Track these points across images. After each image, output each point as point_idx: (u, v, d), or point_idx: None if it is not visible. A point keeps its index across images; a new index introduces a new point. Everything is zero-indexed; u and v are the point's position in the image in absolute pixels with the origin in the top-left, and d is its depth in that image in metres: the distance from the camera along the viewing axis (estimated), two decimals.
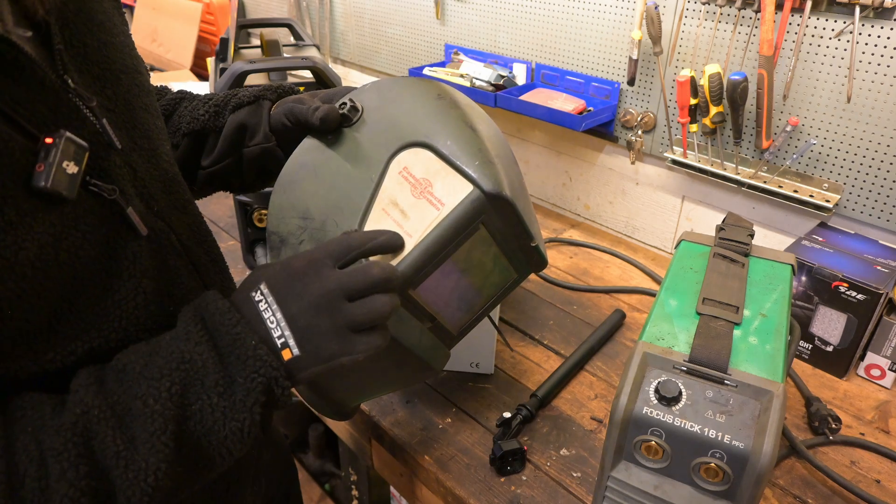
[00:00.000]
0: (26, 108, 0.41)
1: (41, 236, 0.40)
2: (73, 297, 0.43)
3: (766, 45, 0.97)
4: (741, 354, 0.55)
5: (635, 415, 0.53)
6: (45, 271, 0.40)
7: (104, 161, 0.47)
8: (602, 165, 1.38)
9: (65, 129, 0.42)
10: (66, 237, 0.42)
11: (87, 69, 0.48)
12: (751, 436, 0.50)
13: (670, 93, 1.16)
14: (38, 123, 0.41)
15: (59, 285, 0.42)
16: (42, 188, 0.39)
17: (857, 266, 0.90)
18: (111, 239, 0.46)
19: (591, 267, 1.24)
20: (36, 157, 0.40)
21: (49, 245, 0.40)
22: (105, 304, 0.46)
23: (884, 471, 0.79)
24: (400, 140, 0.59)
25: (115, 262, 0.46)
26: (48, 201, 0.40)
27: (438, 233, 0.55)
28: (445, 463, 0.80)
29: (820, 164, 1.02)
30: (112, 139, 0.48)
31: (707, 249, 0.71)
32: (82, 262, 0.43)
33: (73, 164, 0.41)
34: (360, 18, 1.80)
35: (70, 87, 0.45)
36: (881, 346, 0.90)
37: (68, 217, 0.42)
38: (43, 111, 0.42)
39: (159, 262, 0.51)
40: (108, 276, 0.46)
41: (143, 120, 0.54)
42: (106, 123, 0.47)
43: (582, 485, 0.77)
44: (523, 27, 1.37)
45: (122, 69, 0.52)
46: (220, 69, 1.21)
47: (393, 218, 0.57)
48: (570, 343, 1.01)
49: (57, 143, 0.41)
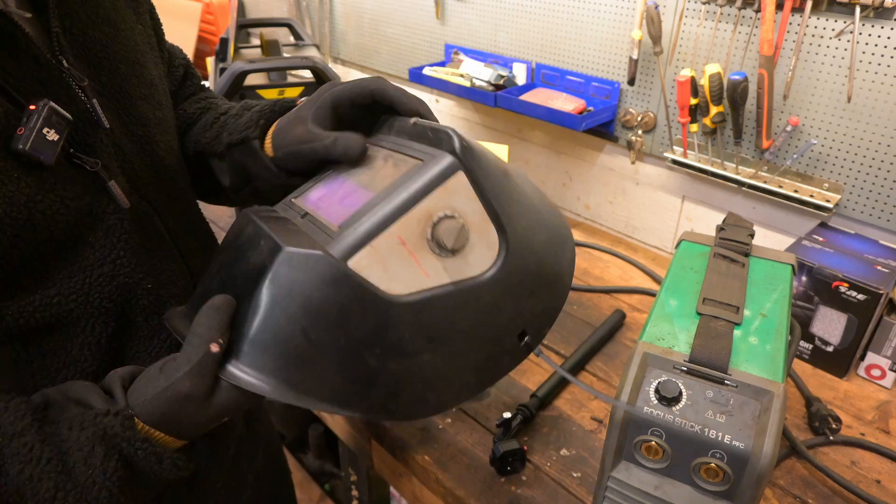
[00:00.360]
0: (17, 78, 0.43)
1: (15, 196, 0.42)
2: (43, 259, 0.45)
3: (767, 45, 0.97)
4: (741, 354, 0.55)
5: (635, 415, 0.53)
6: (15, 229, 0.42)
7: (90, 137, 0.49)
8: (602, 165, 1.38)
9: (52, 101, 0.44)
10: (42, 200, 0.44)
11: (84, 55, 0.50)
12: (751, 436, 0.50)
13: (670, 93, 1.16)
14: (26, 94, 0.44)
15: (30, 243, 0.44)
16: (20, 150, 0.42)
17: (857, 266, 0.90)
18: (92, 208, 0.48)
19: (591, 267, 1.24)
20: (18, 122, 0.42)
21: (22, 205, 0.43)
22: (72, 267, 0.48)
23: (884, 471, 0.79)
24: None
25: (91, 230, 0.48)
26: (27, 165, 0.43)
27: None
28: (445, 463, 0.80)
29: (820, 164, 1.02)
30: (101, 118, 0.50)
31: (707, 249, 0.71)
32: (57, 225, 0.45)
33: (54, 133, 0.44)
34: (359, 18, 1.80)
35: (64, 66, 0.47)
36: (881, 346, 0.90)
37: (46, 182, 0.44)
38: (31, 83, 0.44)
39: (139, 239, 0.52)
40: (80, 242, 0.48)
41: (140, 109, 0.55)
42: (96, 104, 0.49)
43: (582, 485, 0.76)
44: (523, 27, 1.37)
45: (123, 60, 0.54)
46: (220, 69, 1.22)
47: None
48: (570, 343, 1.01)
49: (39, 109, 0.43)
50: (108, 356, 0.52)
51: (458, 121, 1.67)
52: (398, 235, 0.47)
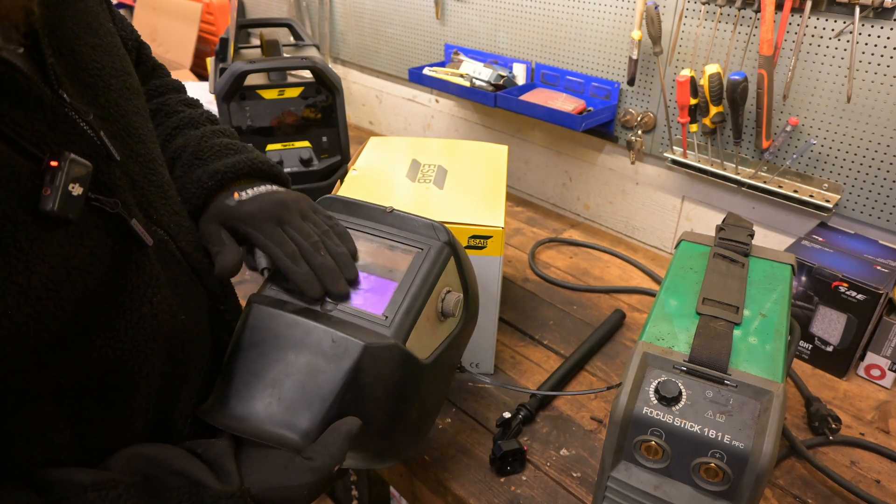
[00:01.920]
0: (26, 128, 0.40)
1: (51, 258, 0.40)
2: (85, 314, 0.43)
3: (766, 45, 0.97)
4: (741, 354, 0.55)
5: (635, 415, 0.53)
6: (57, 291, 0.40)
7: (104, 175, 0.46)
8: (602, 165, 1.38)
9: (66, 147, 0.42)
10: (75, 256, 0.42)
11: (79, 78, 0.47)
12: (751, 436, 0.50)
13: (670, 93, 1.16)
14: (38, 143, 0.41)
15: (71, 303, 0.41)
16: (50, 212, 0.39)
17: (857, 266, 0.90)
18: (117, 252, 0.46)
19: (591, 267, 1.24)
20: (41, 180, 0.40)
21: (59, 266, 0.40)
22: (113, 316, 0.45)
23: (884, 471, 0.79)
24: None
25: (122, 274, 0.46)
26: (54, 223, 0.40)
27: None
28: (445, 463, 0.80)
29: (820, 164, 1.02)
30: (111, 151, 0.47)
31: (707, 249, 0.71)
32: (92, 277, 0.43)
33: (79, 186, 0.41)
34: (359, 18, 1.80)
35: (66, 101, 0.44)
36: (881, 346, 0.90)
37: (74, 235, 0.42)
38: (42, 130, 0.41)
39: (163, 270, 0.51)
40: (116, 289, 0.45)
41: (136, 125, 0.53)
42: (104, 136, 0.47)
43: (582, 485, 0.77)
44: (523, 27, 1.37)
45: (112, 72, 0.52)
46: (219, 69, 1.22)
47: None
48: (570, 343, 1.01)
49: (62, 165, 0.40)
50: (157, 392, 0.51)
51: (458, 121, 1.67)
52: (426, 314, 0.59)
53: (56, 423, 0.44)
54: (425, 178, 0.94)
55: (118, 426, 0.48)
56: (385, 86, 1.87)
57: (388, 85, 1.85)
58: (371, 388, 0.53)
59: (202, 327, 0.57)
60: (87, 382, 0.45)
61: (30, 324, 0.38)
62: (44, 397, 0.43)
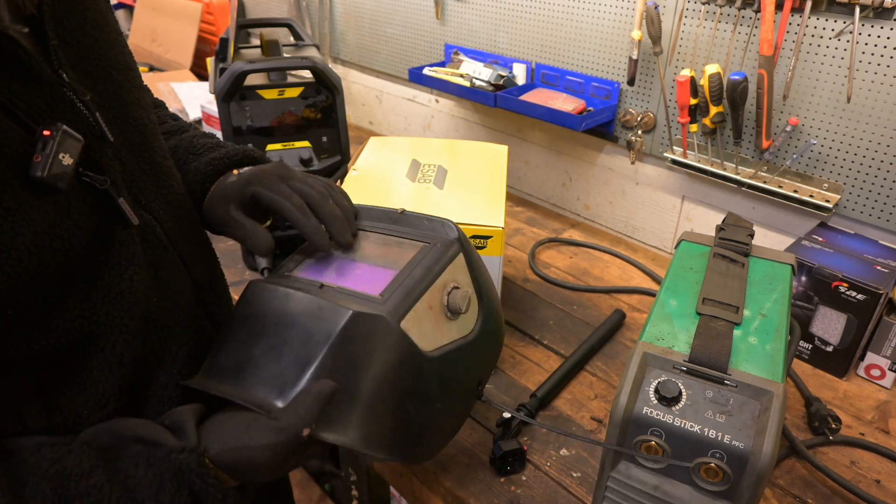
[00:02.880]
0: (24, 100, 0.42)
1: (36, 223, 0.41)
2: (63, 283, 0.45)
3: (766, 45, 0.97)
4: (741, 354, 0.55)
5: (635, 415, 0.53)
6: (38, 256, 0.42)
7: (96, 154, 0.48)
8: (602, 165, 1.38)
9: (60, 121, 0.44)
10: (60, 225, 0.43)
11: (81, 65, 0.49)
12: (751, 436, 0.50)
13: (670, 93, 1.16)
14: (34, 116, 0.43)
15: (52, 270, 0.43)
16: (39, 178, 0.41)
17: (857, 266, 0.90)
18: (102, 228, 0.47)
19: (591, 267, 1.24)
20: (33, 147, 0.42)
21: (44, 232, 0.42)
22: (91, 291, 0.47)
23: (884, 471, 0.79)
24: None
25: (104, 250, 0.48)
26: (43, 191, 0.42)
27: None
28: (445, 463, 0.80)
29: (820, 164, 1.02)
30: (105, 132, 0.49)
31: (707, 249, 0.71)
32: (74, 249, 0.45)
33: (69, 157, 0.43)
34: (359, 18, 1.80)
35: (65, 81, 0.46)
36: (881, 346, 0.90)
37: (61, 206, 0.44)
38: (39, 104, 0.43)
39: (145, 252, 0.52)
40: (97, 264, 0.47)
41: (135, 115, 0.55)
42: (99, 117, 0.49)
43: (582, 485, 0.76)
44: (523, 27, 1.37)
45: (115, 66, 0.54)
46: (219, 69, 1.21)
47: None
48: (570, 343, 1.01)
49: (54, 135, 0.42)
50: (130, 374, 0.51)
51: (458, 121, 1.67)
52: (428, 302, 0.57)
53: (27, 395, 0.46)
54: (425, 178, 0.94)
55: (88, 406, 0.49)
56: (385, 86, 1.87)
57: (388, 85, 1.85)
58: (360, 361, 0.51)
59: (182, 314, 0.57)
60: (60, 354, 0.46)
61: (8, 284, 0.40)
62: (15, 366, 0.44)
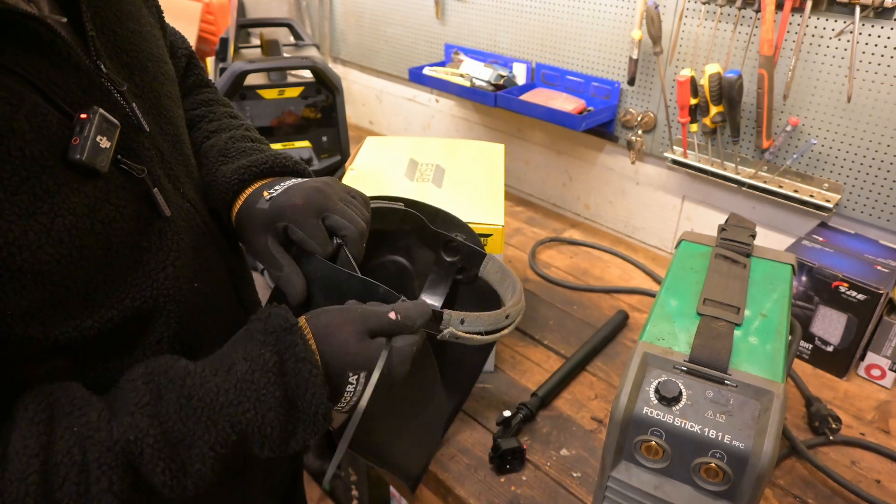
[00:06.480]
0: (62, 87, 0.43)
1: (76, 206, 0.42)
2: (107, 267, 0.45)
3: (767, 45, 0.97)
4: (741, 354, 0.55)
5: (635, 415, 0.53)
6: (80, 239, 0.42)
7: (133, 142, 0.49)
8: (602, 165, 1.38)
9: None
10: (100, 209, 0.44)
11: (117, 56, 0.50)
12: (751, 436, 0.50)
13: (670, 93, 1.16)
14: (72, 103, 0.43)
15: (94, 254, 0.44)
16: (77, 160, 0.42)
17: (857, 266, 0.90)
18: (142, 214, 0.48)
19: (591, 267, 1.23)
20: (71, 132, 0.42)
21: (84, 215, 0.43)
22: (136, 274, 0.48)
23: (884, 471, 0.79)
24: None
25: (146, 236, 0.49)
26: (83, 174, 0.43)
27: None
28: (445, 463, 0.80)
29: (820, 164, 1.02)
30: (141, 122, 0.50)
31: (707, 249, 0.71)
32: (115, 233, 0.45)
33: (106, 140, 0.44)
34: (360, 18, 1.80)
35: (102, 71, 0.47)
36: (881, 346, 0.90)
37: (101, 190, 0.44)
38: (77, 92, 0.44)
39: (187, 240, 0.53)
40: (140, 250, 0.48)
41: (168, 107, 0.56)
42: (136, 107, 0.49)
43: (582, 485, 0.76)
44: (523, 27, 1.37)
45: (149, 57, 0.55)
46: (220, 69, 1.22)
47: None
48: (571, 343, 1.01)
49: (91, 118, 0.43)
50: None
51: (458, 121, 1.67)
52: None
53: (69, 379, 0.46)
54: (423, 178, 0.94)
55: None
56: (385, 86, 1.87)
57: (388, 85, 1.85)
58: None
59: (221, 300, 0.59)
60: (106, 337, 0.46)
61: (52, 264, 0.41)
62: (63, 349, 0.44)
